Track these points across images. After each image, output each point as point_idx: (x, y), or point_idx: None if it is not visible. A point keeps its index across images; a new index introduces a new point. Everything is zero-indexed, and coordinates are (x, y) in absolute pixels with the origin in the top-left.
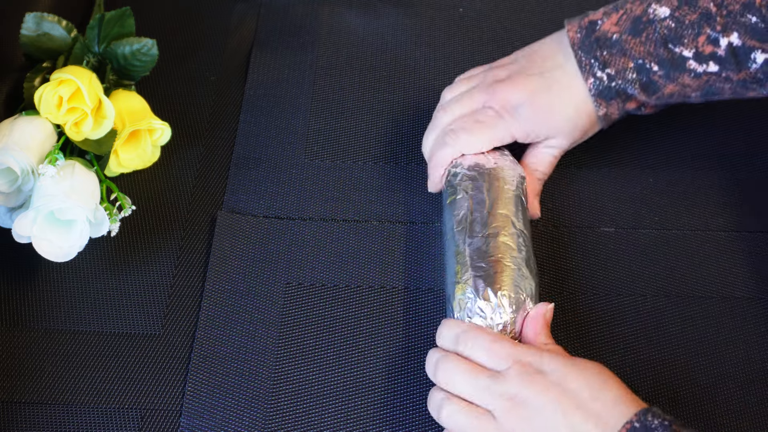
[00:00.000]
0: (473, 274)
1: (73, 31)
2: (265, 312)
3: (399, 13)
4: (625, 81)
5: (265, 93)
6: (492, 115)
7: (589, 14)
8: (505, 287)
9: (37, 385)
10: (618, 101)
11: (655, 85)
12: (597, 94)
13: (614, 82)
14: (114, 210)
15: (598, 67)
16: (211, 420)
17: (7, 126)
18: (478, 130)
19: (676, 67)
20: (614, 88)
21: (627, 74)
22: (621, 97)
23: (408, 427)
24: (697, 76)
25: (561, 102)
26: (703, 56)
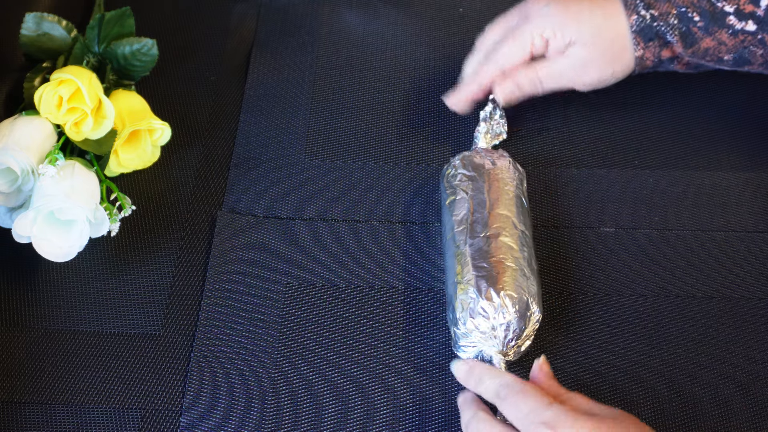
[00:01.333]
0: (475, 275)
1: (73, 31)
2: (265, 312)
3: (399, 13)
4: (667, 25)
5: (265, 93)
6: (522, 24)
7: None
8: (507, 287)
9: (37, 385)
10: (655, 45)
11: (693, 36)
12: (638, 31)
13: (656, 22)
14: (114, 210)
15: (642, 6)
16: (211, 420)
17: (7, 126)
18: (512, 42)
19: (716, 21)
20: (655, 29)
21: (669, 18)
22: (659, 40)
23: (408, 427)
24: (735, 33)
25: (591, 9)
26: (744, 14)
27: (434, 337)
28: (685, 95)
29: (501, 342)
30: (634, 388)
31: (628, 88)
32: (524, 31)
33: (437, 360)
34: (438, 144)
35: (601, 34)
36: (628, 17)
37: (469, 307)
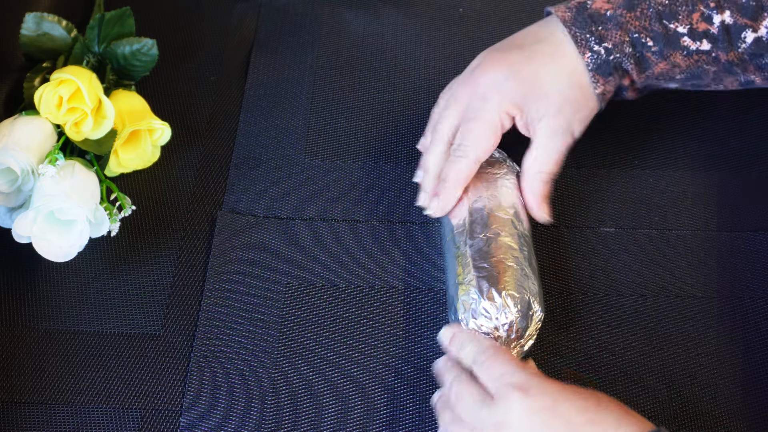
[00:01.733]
0: (476, 275)
1: (73, 31)
2: (265, 312)
3: (399, 13)
4: (623, 54)
5: (265, 93)
6: (480, 104)
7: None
8: (509, 287)
9: (37, 385)
10: (615, 77)
11: (647, 61)
12: (595, 69)
13: (612, 55)
14: (114, 210)
15: (594, 41)
16: (211, 420)
17: (7, 126)
18: (477, 127)
19: (670, 44)
20: (612, 62)
21: (625, 48)
22: (618, 72)
23: (408, 427)
24: (689, 54)
25: (548, 72)
26: (697, 33)
27: (434, 337)
28: (684, 95)
29: (504, 342)
30: (634, 388)
31: None
32: (489, 112)
33: (438, 360)
34: None
35: (568, 98)
36: (582, 56)
37: (471, 308)
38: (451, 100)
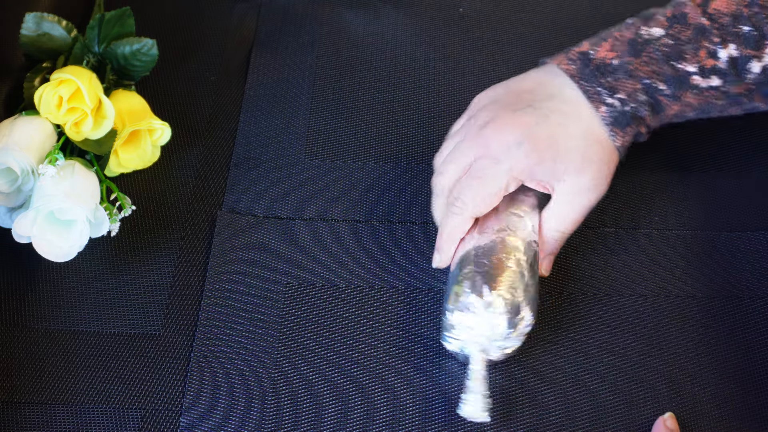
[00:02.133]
0: (474, 269)
1: (73, 31)
2: (265, 312)
3: (399, 13)
4: (638, 103)
5: (265, 93)
6: (488, 165)
7: (572, 48)
8: (501, 287)
9: (37, 385)
10: (632, 127)
11: (660, 105)
12: (612, 123)
13: (627, 106)
14: (114, 210)
15: (606, 94)
16: (211, 420)
17: (7, 126)
18: (481, 186)
19: (681, 85)
20: (629, 114)
21: (638, 95)
22: (635, 121)
23: (408, 427)
24: (700, 92)
25: (564, 132)
26: (706, 70)
27: (434, 337)
28: None
29: (484, 341)
30: (634, 388)
31: None
32: (496, 176)
33: (437, 360)
34: (438, 144)
35: (589, 157)
36: (596, 109)
37: (460, 301)
38: (456, 152)
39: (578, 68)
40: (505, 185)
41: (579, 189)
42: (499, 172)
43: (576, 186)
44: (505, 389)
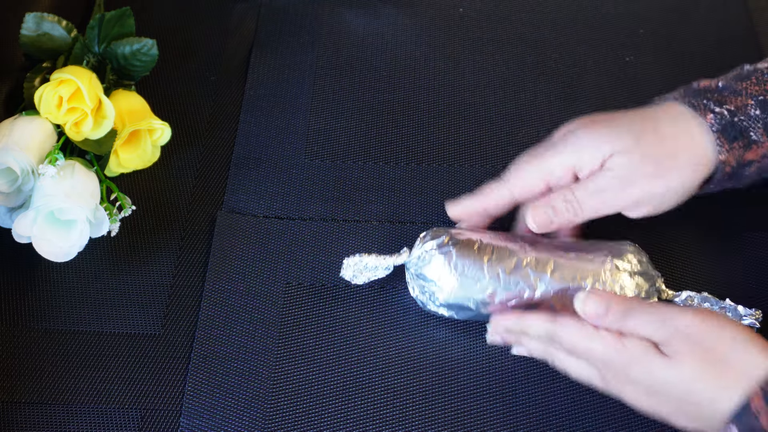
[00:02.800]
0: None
1: (73, 31)
2: (265, 312)
3: (399, 13)
4: (749, 118)
5: (265, 93)
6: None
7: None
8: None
9: (37, 385)
10: (739, 145)
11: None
12: (720, 130)
13: (736, 117)
14: (114, 210)
15: (714, 104)
16: (211, 420)
17: (7, 126)
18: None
19: None
20: (738, 125)
21: (749, 110)
22: (744, 139)
23: (408, 427)
24: None
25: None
26: None
27: (434, 336)
28: None
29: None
30: None
31: (627, 89)
32: (545, 157)
33: (437, 360)
34: (438, 144)
35: (644, 138)
36: (704, 117)
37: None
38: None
39: (682, 93)
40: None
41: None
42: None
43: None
44: (505, 389)
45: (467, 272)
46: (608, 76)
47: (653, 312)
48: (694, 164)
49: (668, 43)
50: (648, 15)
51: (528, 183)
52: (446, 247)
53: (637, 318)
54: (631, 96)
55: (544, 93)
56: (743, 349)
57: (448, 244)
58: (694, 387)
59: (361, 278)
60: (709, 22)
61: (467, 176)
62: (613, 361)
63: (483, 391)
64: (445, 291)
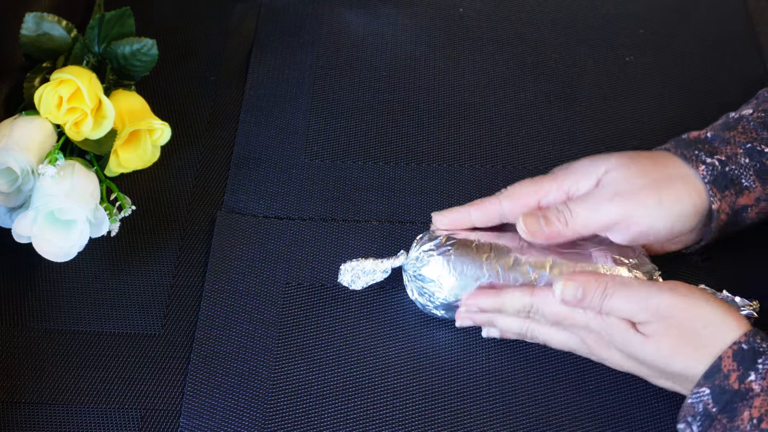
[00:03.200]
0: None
1: (73, 31)
2: (264, 312)
3: (399, 13)
4: (739, 167)
5: (265, 93)
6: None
7: None
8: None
9: (37, 385)
10: (731, 193)
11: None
12: (712, 181)
13: (727, 167)
14: (114, 210)
15: (705, 155)
16: (211, 420)
17: (7, 126)
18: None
19: None
20: (728, 175)
21: (739, 159)
22: (735, 186)
23: (408, 427)
24: None
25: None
26: None
27: (434, 336)
28: (686, 95)
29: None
30: (634, 387)
31: (627, 89)
32: (543, 181)
33: (437, 360)
34: (438, 144)
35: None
36: (696, 169)
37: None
38: None
39: (673, 145)
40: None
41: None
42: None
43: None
44: (505, 389)
45: (466, 271)
46: (608, 76)
47: (631, 294)
48: (690, 191)
49: (668, 43)
50: (648, 15)
51: (520, 199)
52: (444, 247)
53: (615, 300)
54: (630, 96)
55: (544, 93)
56: (720, 323)
57: (446, 244)
58: (671, 361)
59: (359, 283)
60: (708, 21)
61: (467, 176)
62: (594, 327)
63: (483, 391)
64: (444, 291)
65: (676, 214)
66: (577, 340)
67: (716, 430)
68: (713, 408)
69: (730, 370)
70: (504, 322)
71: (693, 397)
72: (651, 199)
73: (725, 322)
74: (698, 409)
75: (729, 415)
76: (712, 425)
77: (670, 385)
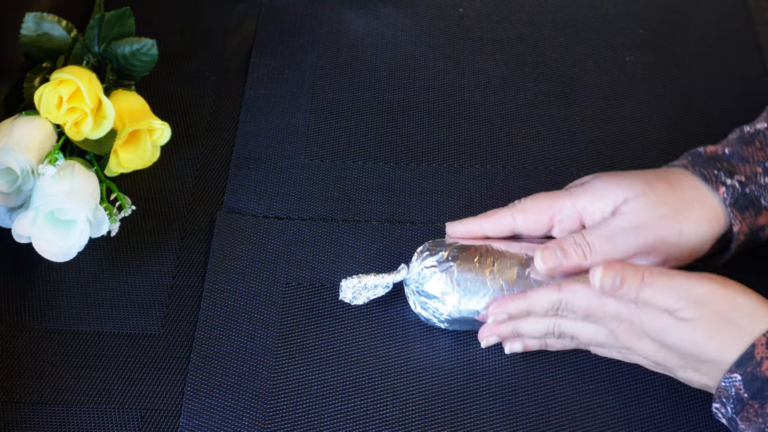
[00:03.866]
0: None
1: (73, 31)
2: (264, 312)
3: (399, 13)
4: (759, 186)
5: (265, 93)
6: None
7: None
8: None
9: (37, 385)
10: (750, 213)
11: None
12: (733, 204)
13: (747, 188)
14: (114, 210)
15: (725, 175)
16: (211, 420)
17: (7, 126)
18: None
19: None
20: (749, 196)
21: (759, 179)
22: (754, 207)
23: (408, 427)
24: None
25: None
26: None
27: (435, 337)
28: (686, 95)
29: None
30: (634, 387)
31: (627, 89)
32: (559, 196)
33: (437, 360)
34: (438, 144)
35: (658, 186)
36: (717, 191)
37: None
38: None
39: (691, 161)
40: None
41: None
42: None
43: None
44: (505, 389)
45: (470, 287)
46: (608, 76)
47: (669, 284)
48: (709, 218)
49: (668, 43)
50: (648, 15)
51: (533, 214)
52: (446, 263)
53: (654, 289)
54: (630, 96)
55: (544, 93)
56: (755, 312)
57: (448, 259)
58: (706, 347)
59: (360, 299)
60: (708, 21)
61: (467, 176)
62: (626, 315)
63: (483, 391)
64: (448, 306)
65: (694, 242)
66: (606, 331)
67: (749, 413)
68: (744, 393)
69: (763, 357)
70: (530, 327)
71: (725, 381)
72: (671, 230)
73: (760, 312)
74: (731, 392)
75: (760, 402)
76: (744, 408)
77: (698, 378)
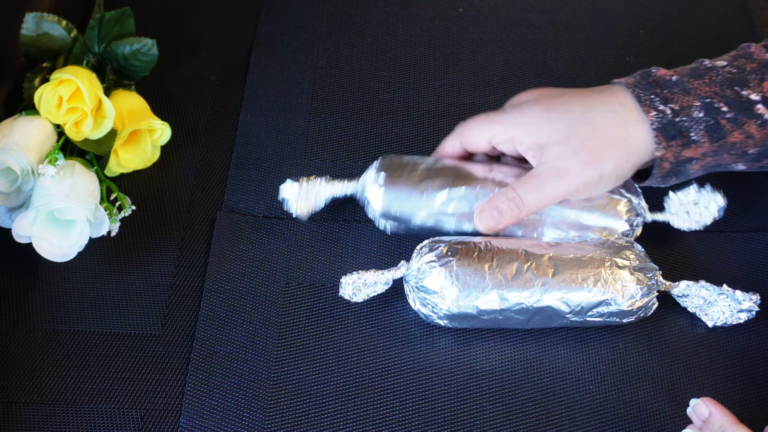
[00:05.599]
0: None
1: (73, 31)
2: (264, 312)
3: (399, 14)
4: (691, 120)
5: (265, 93)
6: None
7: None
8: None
9: (37, 385)
10: (677, 144)
11: (722, 130)
12: (659, 129)
13: (678, 117)
14: (114, 210)
15: (659, 101)
16: (211, 420)
17: (7, 126)
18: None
19: (744, 111)
20: (678, 125)
21: (692, 112)
22: (682, 138)
23: (408, 427)
24: (764, 124)
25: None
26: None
27: (434, 336)
28: None
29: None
30: (634, 387)
31: None
32: (493, 122)
33: (437, 360)
34: (438, 144)
35: (580, 129)
36: (646, 114)
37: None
38: None
39: (636, 80)
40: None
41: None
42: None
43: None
44: (505, 389)
45: (469, 281)
46: (608, 76)
47: None
48: (628, 154)
49: (668, 43)
50: (648, 15)
51: (475, 140)
52: (446, 258)
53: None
54: None
55: None
56: None
57: (447, 254)
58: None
59: (360, 296)
60: (709, 21)
61: None
62: None
63: (483, 391)
64: (447, 301)
65: (614, 179)
66: None
67: None
68: None
69: None
70: None
71: None
72: (591, 173)
73: None
74: None
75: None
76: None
77: None
